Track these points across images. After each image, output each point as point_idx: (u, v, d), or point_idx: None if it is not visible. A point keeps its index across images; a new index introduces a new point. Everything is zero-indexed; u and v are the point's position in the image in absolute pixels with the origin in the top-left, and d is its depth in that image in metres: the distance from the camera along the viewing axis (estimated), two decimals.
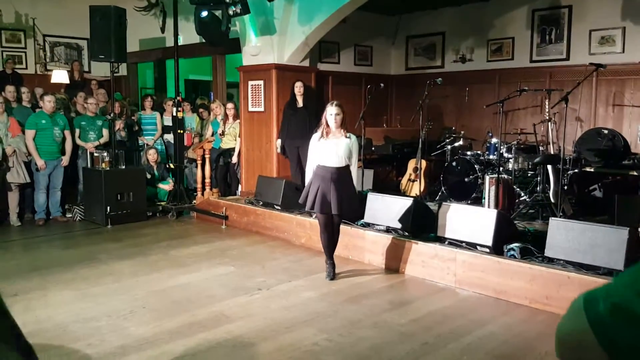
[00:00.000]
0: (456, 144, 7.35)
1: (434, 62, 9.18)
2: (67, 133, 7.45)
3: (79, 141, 7.68)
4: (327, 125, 4.73)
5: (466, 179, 6.73)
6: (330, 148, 4.70)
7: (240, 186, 8.13)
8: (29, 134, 7.07)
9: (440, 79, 6.78)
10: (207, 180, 7.89)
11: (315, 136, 4.81)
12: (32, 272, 5.21)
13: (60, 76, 9.15)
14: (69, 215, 7.68)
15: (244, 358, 3.44)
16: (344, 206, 4.75)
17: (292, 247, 6.23)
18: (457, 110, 8.79)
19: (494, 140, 6.79)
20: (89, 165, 7.62)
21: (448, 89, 8.33)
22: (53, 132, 7.24)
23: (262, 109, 7.68)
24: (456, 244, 4.94)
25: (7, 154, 6.85)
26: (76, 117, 7.99)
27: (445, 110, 8.96)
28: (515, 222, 5.38)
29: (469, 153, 7.10)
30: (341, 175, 4.72)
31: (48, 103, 7.23)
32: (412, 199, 5.60)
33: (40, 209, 7.34)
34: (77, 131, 7.68)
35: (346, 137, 4.76)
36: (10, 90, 7.89)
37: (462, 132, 7.59)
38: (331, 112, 4.73)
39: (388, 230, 5.52)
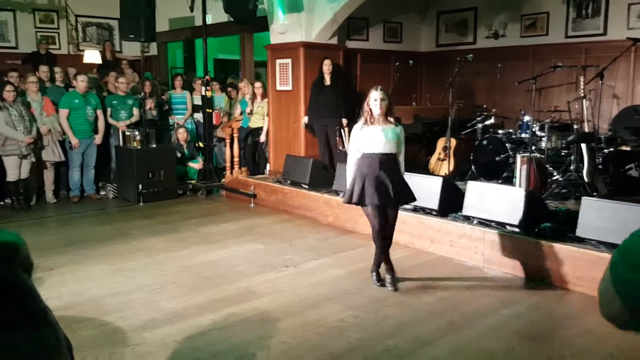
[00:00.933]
0: (487, 123, 7.20)
1: (466, 38, 8.96)
2: (99, 112, 7.59)
3: (110, 120, 7.82)
4: (371, 113, 4.17)
5: (497, 158, 6.61)
6: (377, 133, 4.13)
7: (268, 165, 8.17)
8: (62, 113, 7.23)
9: (471, 55, 6.63)
10: (236, 159, 7.95)
11: (357, 126, 4.25)
12: (67, 247, 5.37)
13: (92, 56, 9.29)
14: (102, 192, 7.87)
15: (270, 333, 3.49)
16: (399, 192, 4.17)
17: (319, 225, 6.25)
18: (489, 88, 8.59)
19: (526, 118, 6.63)
20: (121, 144, 7.76)
21: (480, 66, 8.14)
22: (86, 111, 7.38)
23: (289, 88, 7.66)
24: (485, 223, 4.88)
25: (42, 133, 7.02)
26: (108, 96, 8.12)
27: (477, 87, 8.77)
28: (547, 202, 5.27)
29: (500, 131, 6.96)
30: (390, 161, 4.17)
31: (81, 83, 7.36)
32: (441, 178, 5.53)
33: (75, 187, 7.53)
34: (109, 110, 7.81)
35: (394, 124, 4.23)
36: (44, 70, 8.07)
37: (494, 110, 7.43)
38: (375, 98, 4.17)
39: (416, 209, 5.48)
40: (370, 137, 4.15)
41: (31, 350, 0.44)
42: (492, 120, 7.20)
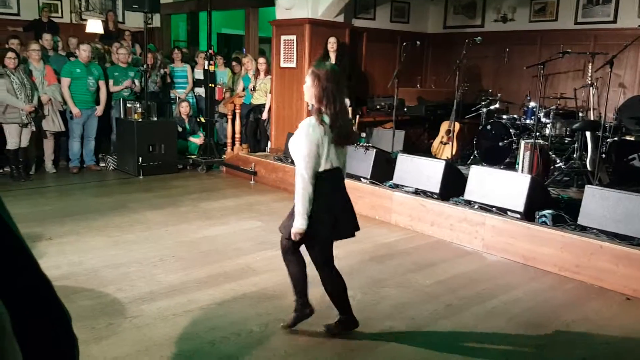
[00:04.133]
0: (492, 107, 7.14)
1: (474, 21, 8.85)
2: (101, 83, 7.51)
3: (113, 88, 7.71)
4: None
5: (500, 144, 6.56)
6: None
7: (269, 143, 8.12)
8: (64, 82, 7.15)
9: (480, 37, 6.54)
10: (237, 135, 7.90)
11: (319, 129, 2.85)
12: (65, 217, 5.35)
13: (94, 26, 9.15)
14: (102, 164, 7.83)
15: (268, 309, 3.49)
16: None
17: None
18: (495, 72, 8.51)
19: (532, 104, 6.57)
20: (122, 115, 7.69)
21: (487, 50, 8.05)
22: (87, 81, 7.30)
23: (293, 65, 7.57)
24: (486, 208, 4.86)
25: (43, 102, 6.96)
26: (109, 67, 8.03)
27: (483, 71, 8.69)
28: (549, 189, 5.25)
29: (504, 117, 6.90)
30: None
31: (83, 52, 7.27)
32: (443, 161, 5.50)
33: (75, 157, 7.49)
34: (111, 81, 7.73)
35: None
36: (47, 38, 7.96)
37: (499, 94, 7.36)
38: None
39: (417, 192, 5.45)
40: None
41: None
42: (497, 105, 7.14)
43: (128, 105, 7.60)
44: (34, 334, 0.64)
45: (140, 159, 7.24)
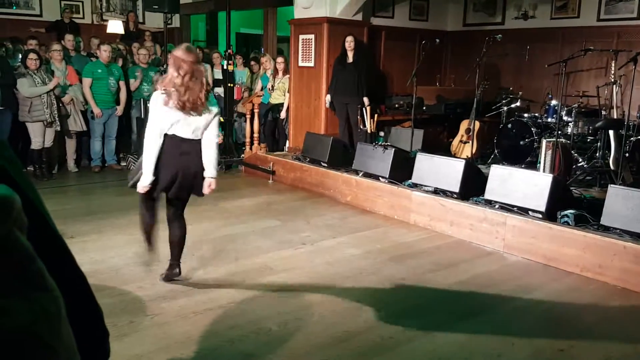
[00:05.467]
0: (513, 105, 7.06)
1: (494, 18, 8.76)
2: (121, 83, 7.60)
3: (134, 85, 7.78)
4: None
5: (521, 142, 6.49)
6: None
7: (287, 142, 8.14)
8: (86, 82, 7.25)
9: (500, 35, 6.47)
10: (256, 135, 7.92)
11: (161, 99, 3.44)
12: (87, 216, 5.43)
13: (115, 26, 9.28)
14: (123, 163, 7.93)
15: (286, 309, 3.50)
16: None
17: (337, 204, 6.23)
18: (516, 70, 8.41)
19: (553, 102, 6.49)
20: (142, 115, 7.77)
21: (507, 47, 7.96)
22: (108, 81, 7.39)
23: (312, 64, 7.58)
24: (507, 208, 4.81)
25: (65, 102, 7.06)
26: (131, 67, 8.12)
27: (503, 69, 8.60)
28: (572, 188, 5.17)
29: (526, 115, 6.82)
30: None
31: (104, 52, 7.36)
32: (463, 160, 5.46)
33: (96, 157, 7.59)
34: (132, 80, 7.82)
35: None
36: (69, 38, 8.08)
37: (520, 93, 7.28)
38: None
39: (436, 191, 5.42)
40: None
41: (26, 314, 0.42)
42: (517, 104, 7.06)
43: (148, 105, 7.65)
44: (75, 323, 0.65)
45: None
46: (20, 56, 7.07)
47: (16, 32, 8.53)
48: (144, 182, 3.58)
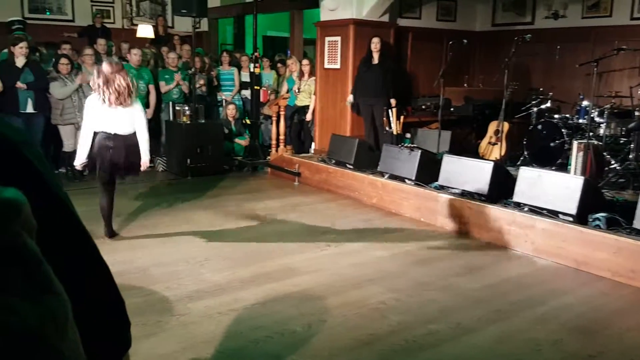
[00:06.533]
0: (543, 106, 6.92)
1: (524, 18, 8.61)
2: (151, 87, 7.73)
3: (164, 88, 7.91)
4: None
5: (552, 144, 6.36)
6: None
7: (313, 144, 8.15)
8: None
9: (529, 35, 6.36)
10: (282, 137, 7.96)
11: (93, 99, 4.57)
12: (117, 217, 5.50)
13: (145, 31, 9.44)
14: (152, 165, 8.05)
15: (311, 310, 3.50)
16: None
17: (363, 206, 6.21)
18: (546, 70, 8.25)
19: (584, 103, 6.34)
20: (171, 118, 7.89)
21: (537, 47, 7.81)
22: (138, 85, 7.52)
23: (337, 66, 7.57)
24: (536, 211, 4.71)
25: None
26: (160, 70, 8.25)
27: (533, 69, 8.44)
28: (603, 191, 5.05)
29: (556, 116, 6.68)
30: None
31: (134, 56, 7.50)
32: (491, 162, 5.38)
33: None
34: (162, 83, 7.94)
35: None
36: (101, 43, 8.25)
37: (550, 93, 7.12)
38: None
39: (463, 194, 5.35)
40: None
41: (34, 316, 0.42)
42: (548, 104, 6.92)
43: (177, 108, 7.79)
44: (95, 313, 0.67)
45: (188, 160, 7.41)
46: (52, 61, 7.25)
47: (49, 37, 8.76)
48: None
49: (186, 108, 7.63)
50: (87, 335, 0.52)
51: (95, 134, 4.57)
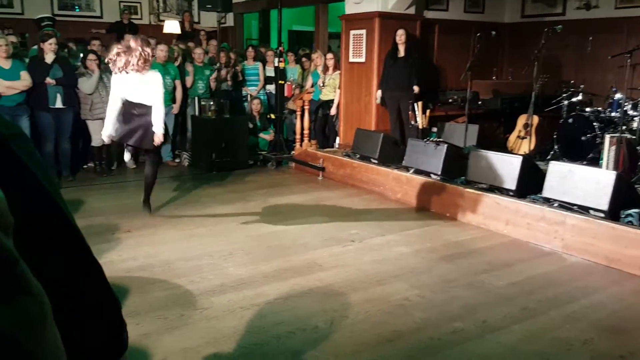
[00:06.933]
0: (574, 99, 6.73)
1: (554, 8, 8.38)
2: (177, 82, 7.78)
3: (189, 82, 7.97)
4: None
5: (583, 138, 6.18)
6: None
7: (337, 138, 8.11)
8: None
9: (560, 26, 6.19)
10: (306, 131, 7.94)
11: (115, 76, 5.03)
12: (141, 212, 5.58)
13: (172, 26, 9.52)
14: (177, 160, 8.13)
15: (334, 306, 3.47)
16: None
17: (387, 201, 6.14)
18: (578, 63, 8.03)
19: (617, 96, 6.14)
20: (196, 113, 7.94)
21: (568, 39, 7.60)
22: (165, 80, 7.57)
23: (362, 60, 7.51)
24: (566, 206, 4.59)
25: None
26: (183, 63, 8.29)
27: (564, 62, 8.22)
28: (636, 186, 4.88)
29: (587, 109, 6.49)
30: None
31: (161, 52, 7.56)
32: (520, 156, 5.25)
33: None
34: (188, 78, 7.99)
35: None
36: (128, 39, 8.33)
37: (582, 86, 6.92)
38: None
39: (491, 189, 5.24)
40: None
41: (6, 319, 0.40)
42: (579, 97, 6.72)
43: (202, 103, 7.83)
44: (85, 316, 0.65)
45: (213, 154, 7.45)
46: (81, 57, 7.37)
47: (78, 33, 8.91)
48: None
49: (211, 103, 7.67)
50: (80, 337, 0.50)
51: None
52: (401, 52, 6.95)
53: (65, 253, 0.62)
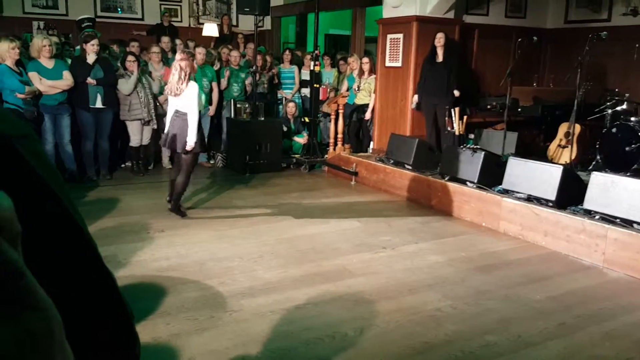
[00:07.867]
0: (618, 108, 6.48)
1: (599, 14, 8.12)
2: (214, 85, 7.87)
3: (223, 84, 8.02)
4: None
5: (627, 148, 5.94)
6: None
7: (372, 143, 8.04)
8: None
9: (605, 32, 5.98)
10: (340, 135, 7.90)
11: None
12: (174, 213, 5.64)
13: (210, 29, 9.63)
14: (212, 161, 8.21)
15: (363, 314, 3.41)
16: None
17: (420, 208, 6.04)
18: (623, 70, 7.74)
19: None
20: (232, 115, 8.00)
21: (614, 46, 7.34)
22: (201, 83, 7.67)
23: (399, 64, 7.42)
24: (609, 219, 4.41)
25: (161, 101, 7.42)
26: (222, 69, 8.38)
27: (609, 69, 7.95)
28: None
29: (632, 119, 6.23)
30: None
31: (199, 55, 7.64)
32: (561, 166, 5.09)
33: None
34: (223, 80, 8.06)
35: None
36: (165, 41, 8.48)
37: (627, 94, 6.67)
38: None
39: (529, 198, 5.09)
40: None
41: (9, 338, 0.37)
42: (624, 106, 6.47)
43: (238, 105, 7.89)
44: (96, 330, 0.62)
45: (247, 157, 7.49)
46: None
47: (120, 35, 9.11)
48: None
49: (247, 105, 7.71)
50: (91, 352, 0.47)
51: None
52: (440, 57, 6.84)
53: (72, 261, 0.60)
